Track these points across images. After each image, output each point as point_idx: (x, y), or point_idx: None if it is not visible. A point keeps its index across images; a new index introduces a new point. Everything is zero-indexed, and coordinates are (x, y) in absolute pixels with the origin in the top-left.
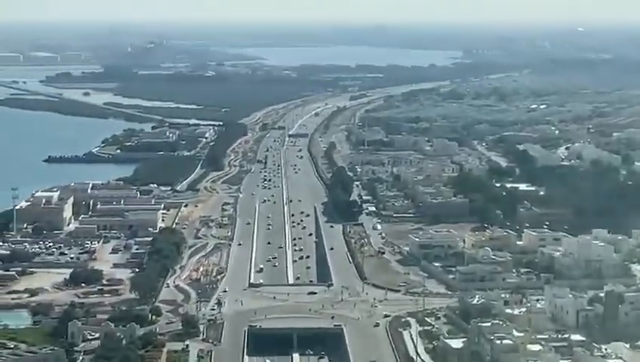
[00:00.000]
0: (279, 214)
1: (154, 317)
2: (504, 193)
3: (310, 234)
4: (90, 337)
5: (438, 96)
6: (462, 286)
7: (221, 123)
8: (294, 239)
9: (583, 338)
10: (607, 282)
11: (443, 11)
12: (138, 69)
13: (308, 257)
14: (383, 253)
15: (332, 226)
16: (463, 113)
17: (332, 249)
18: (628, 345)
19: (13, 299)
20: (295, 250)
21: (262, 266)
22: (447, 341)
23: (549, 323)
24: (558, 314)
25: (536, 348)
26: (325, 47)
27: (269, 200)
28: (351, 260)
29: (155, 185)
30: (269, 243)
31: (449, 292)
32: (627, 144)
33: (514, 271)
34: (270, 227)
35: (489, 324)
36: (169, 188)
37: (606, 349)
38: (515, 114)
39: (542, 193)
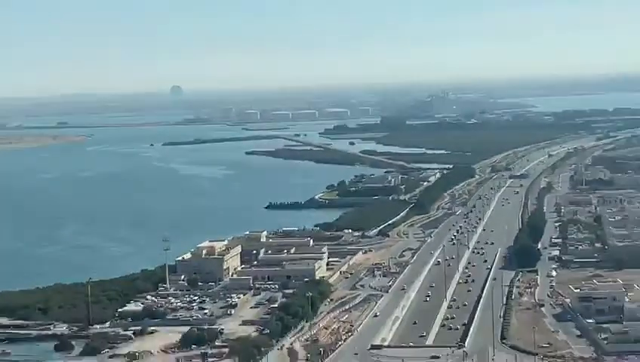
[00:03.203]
0: (455, 263)
1: None
2: None
3: (483, 278)
4: None
5: None
6: (611, 350)
7: (451, 166)
8: (466, 279)
9: None
10: None
11: None
12: (412, 120)
13: (458, 308)
14: (542, 305)
15: (504, 272)
16: None
17: (486, 300)
18: None
19: None
20: (449, 307)
21: (401, 321)
22: None
23: None
24: None
25: None
26: (599, 95)
27: (445, 248)
28: (502, 314)
29: (349, 231)
30: (426, 298)
31: (594, 356)
32: None
33: None
34: (433, 283)
35: None
36: (360, 233)
37: None
38: None
39: None
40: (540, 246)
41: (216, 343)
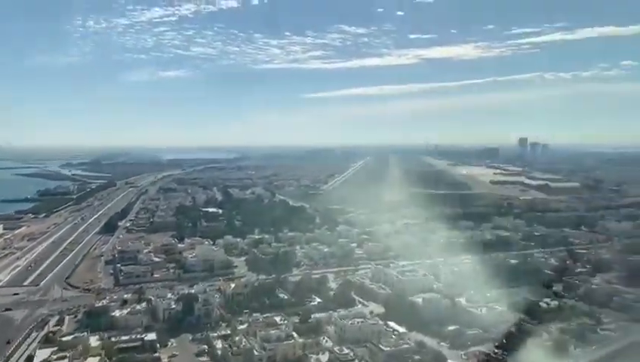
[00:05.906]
0: (73, 234)
1: None
2: (200, 213)
3: (81, 242)
4: None
5: (230, 169)
6: (124, 282)
7: (106, 181)
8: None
9: (154, 338)
10: (199, 281)
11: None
12: (105, 161)
13: (57, 259)
14: (102, 255)
15: (98, 236)
16: (221, 176)
17: (73, 253)
18: (191, 337)
19: None
20: (61, 253)
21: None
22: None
23: (147, 319)
24: (154, 312)
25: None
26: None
27: (76, 224)
28: (77, 262)
29: (30, 214)
30: (32, 265)
31: (115, 288)
32: (276, 187)
33: (165, 268)
34: (54, 243)
35: (83, 334)
36: (35, 216)
37: (171, 343)
38: (238, 176)
39: (220, 213)
40: (122, 221)
41: None
